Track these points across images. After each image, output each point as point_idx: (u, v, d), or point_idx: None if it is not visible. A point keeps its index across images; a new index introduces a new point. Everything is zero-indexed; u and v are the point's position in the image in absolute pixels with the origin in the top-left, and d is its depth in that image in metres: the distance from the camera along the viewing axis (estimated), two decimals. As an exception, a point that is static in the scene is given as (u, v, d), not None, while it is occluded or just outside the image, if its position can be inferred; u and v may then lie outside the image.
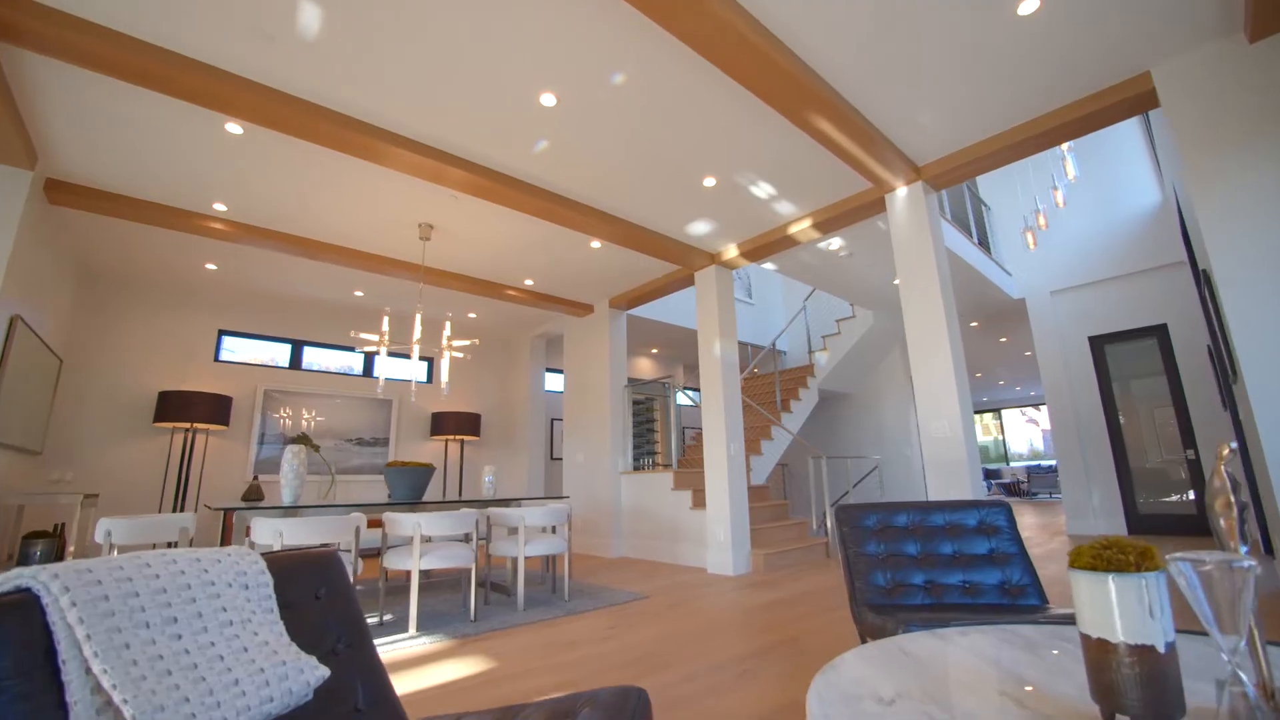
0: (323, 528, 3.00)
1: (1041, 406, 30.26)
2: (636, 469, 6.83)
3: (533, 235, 5.01)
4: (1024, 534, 6.94)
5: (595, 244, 5.19)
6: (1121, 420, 6.66)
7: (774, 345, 7.73)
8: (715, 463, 5.09)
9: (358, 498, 6.60)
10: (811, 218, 4.66)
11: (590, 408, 6.74)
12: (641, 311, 7.28)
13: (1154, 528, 6.31)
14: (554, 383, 8.83)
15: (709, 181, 4.19)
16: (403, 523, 3.36)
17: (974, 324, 8.41)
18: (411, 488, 4.10)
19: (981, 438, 22.98)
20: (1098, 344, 6.90)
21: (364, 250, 5.20)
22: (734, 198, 4.42)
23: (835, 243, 5.32)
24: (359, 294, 6.50)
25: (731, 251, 5.28)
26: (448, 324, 4.76)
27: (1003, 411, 20.77)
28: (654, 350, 9.34)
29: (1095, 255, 6.96)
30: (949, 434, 3.66)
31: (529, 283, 6.19)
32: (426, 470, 4.15)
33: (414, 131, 3.54)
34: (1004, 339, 9.62)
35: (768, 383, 8.17)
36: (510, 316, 7.43)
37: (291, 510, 3.52)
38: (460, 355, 4.97)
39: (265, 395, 6.50)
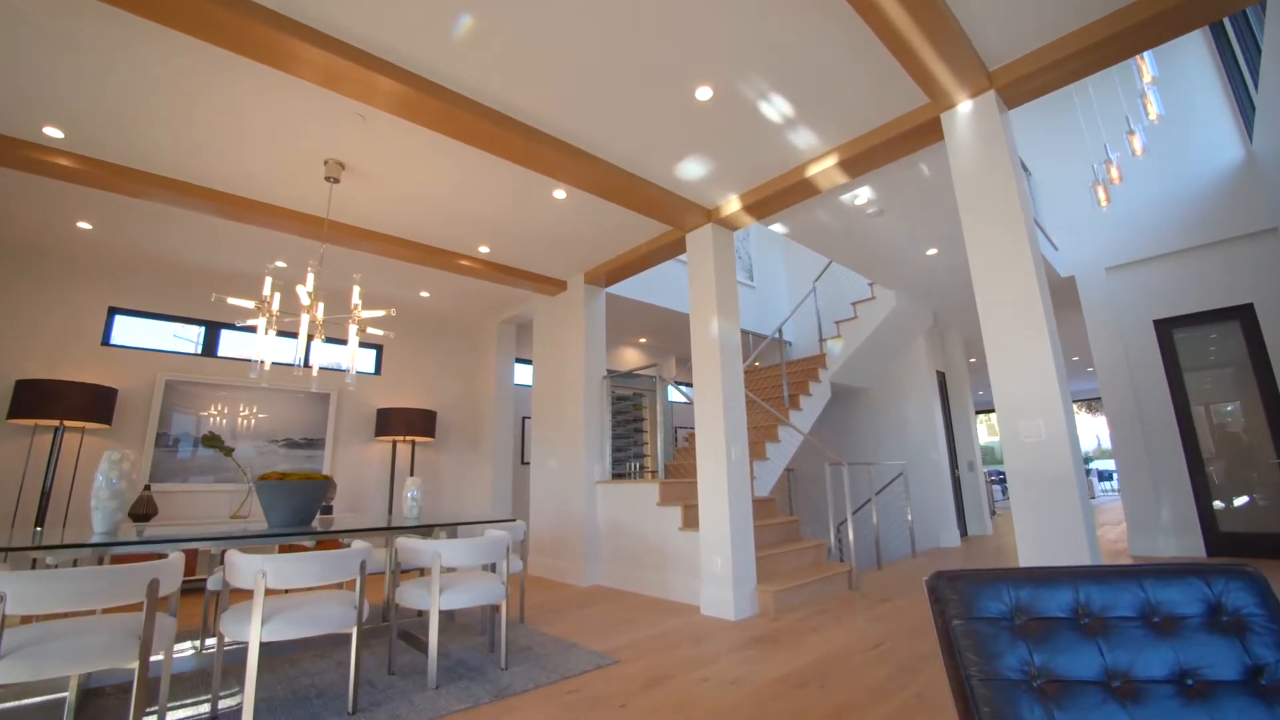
0: (85, 586, 1.88)
1: (1050, 406, 29.11)
2: (618, 477, 5.74)
3: (477, 179, 3.89)
4: (1080, 555, 5.85)
5: (559, 193, 4.08)
6: (1195, 419, 5.59)
7: (779, 332, 6.65)
8: (711, 473, 3.99)
9: (279, 512, 5.46)
10: (838, 153, 3.56)
11: (562, 404, 5.63)
12: (624, 290, 6.17)
13: (1240, 549, 5.23)
14: (526, 375, 7.71)
15: (704, 93, 3.08)
16: (242, 568, 2.24)
17: (1008, 309, 7.31)
18: (292, 509, 2.98)
19: (986, 438, 21.97)
20: (1165, 329, 5.82)
21: (259, 200, 4.08)
22: (737, 121, 3.32)
23: (863, 194, 4.23)
24: (281, 264, 5.37)
25: (732, 205, 4.18)
26: (355, 289, 3.65)
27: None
28: (642, 339, 8.24)
29: (1160, 224, 5.89)
30: (1044, 437, 2.57)
31: (483, 250, 5.07)
32: (315, 485, 3.03)
33: (291, 6, 2.43)
34: (1036, 328, 8.53)
35: (772, 376, 7.08)
36: (471, 297, 6.31)
37: (105, 544, 2.40)
38: (382, 333, 3.86)
39: (167, 387, 5.36)
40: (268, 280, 3.34)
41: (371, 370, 6.63)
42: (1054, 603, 1.27)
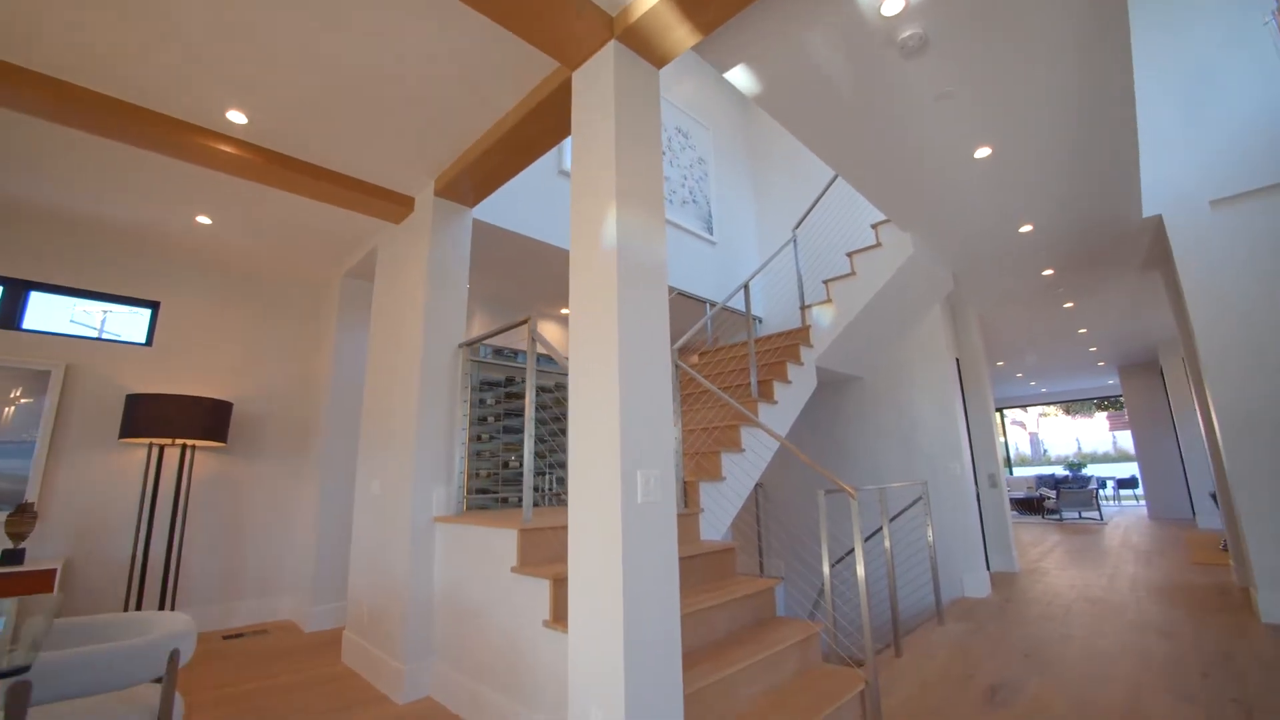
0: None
1: (1029, 408, 28.33)
2: (481, 508, 3.70)
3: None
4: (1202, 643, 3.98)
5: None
6: (1357, 420, 3.77)
7: (746, 291, 4.65)
8: (591, 525, 1.92)
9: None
10: None
11: (397, 392, 3.51)
12: (522, 224, 4.08)
13: None
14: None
15: None
16: None
17: (1047, 271, 5.48)
18: None
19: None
20: (1302, 287, 4.00)
21: None
22: None
23: (898, -10, 2.24)
24: (-92, 150, 3.15)
25: (651, -5, 2.14)
26: None
27: (1003, 412, 18.32)
28: (564, 310, 6.15)
29: (1292, 138, 4.08)
30: None
31: (237, 118, 2.91)
32: None
33: None
34: (1070, 304, 6.75)
35: (736, 358, 5.08)
36: (283, 228, 4.14)
37: None
38: None
39: None
40: None
41: (140, 339, 4.40)
42: None
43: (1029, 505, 12.58)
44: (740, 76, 2.69)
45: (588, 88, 2.34)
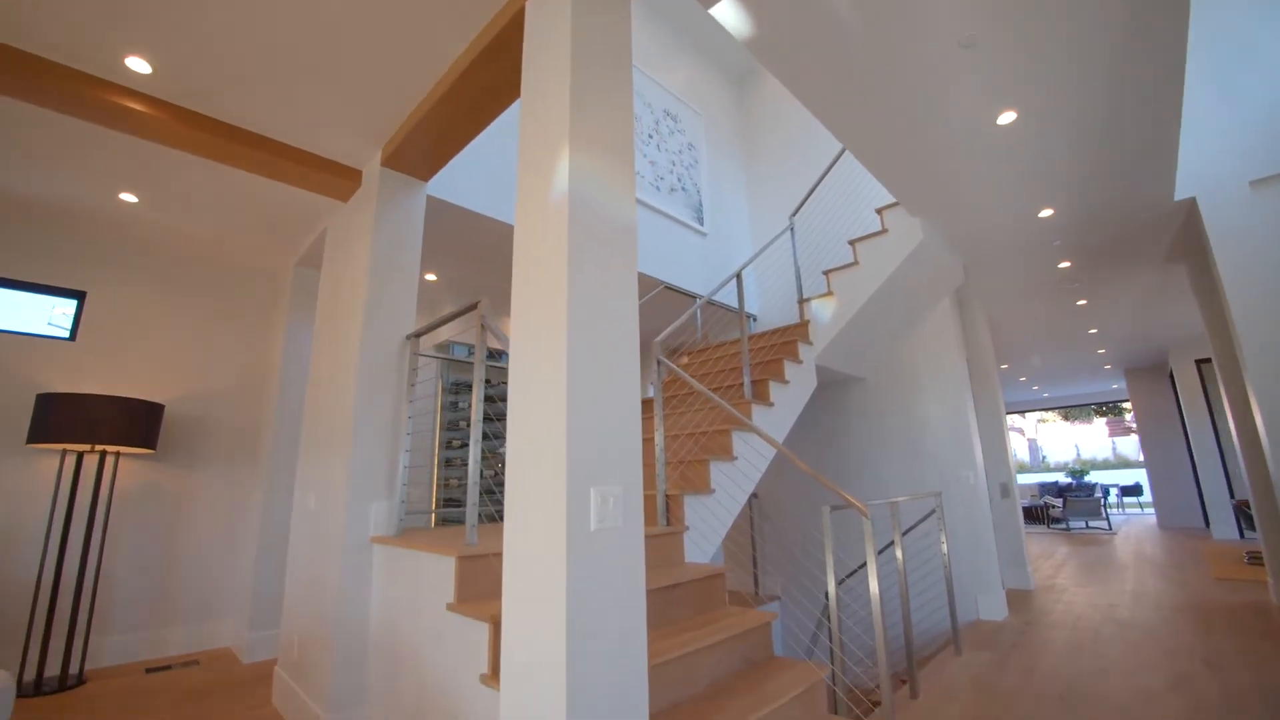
0: None
1: (1028, 414, 27.94)
2: (454, 521, 3.24)
3: None
4: None
5: None
6: None
7: (739, 280, 4.22)
8: (533, 556, 1.48)
9: None
10: None
11: (336, 391, 3.06)
12: (494, 205, 3.63)
13: None
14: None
15: None
16: None
17: (1064, 264, 5.08)
18: None
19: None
20: (1357, 276, 3.60)
21: None
22: None
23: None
24: None
25: (615, -111, 1.71)
26: None
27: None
28: (544, 306, 5.69)
29: (1342, 111, 3.68)
30: None
31: (138, 67, 2.47)
32: None
33: None
34: (1084, 301, 6.35)
35: (727, 356, 4.66)
36: (224, 208, 3.70)
37: None
38: None
39: None
40: None
41: (62, 332, 3.93)
42: None
43: (1033, 514, 12.17)
44: (728, 13, 2.27)
45: (542, 12, 1.91)
